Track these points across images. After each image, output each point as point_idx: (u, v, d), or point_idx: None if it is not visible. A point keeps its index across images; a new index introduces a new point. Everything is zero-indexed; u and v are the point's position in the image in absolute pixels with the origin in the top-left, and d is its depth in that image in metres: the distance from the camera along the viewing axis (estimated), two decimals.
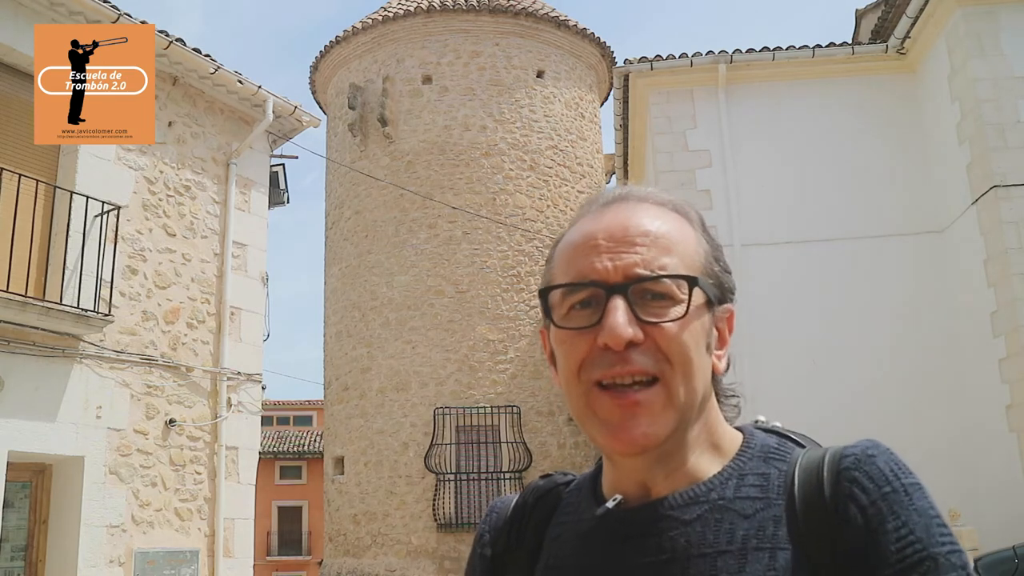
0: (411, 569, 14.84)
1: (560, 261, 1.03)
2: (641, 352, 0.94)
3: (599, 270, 0.97)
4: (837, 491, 0.93)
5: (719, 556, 0.94)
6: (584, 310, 0.98)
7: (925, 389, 11.01)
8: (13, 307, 7.21)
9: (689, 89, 12.52)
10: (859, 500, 0.92)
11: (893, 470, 0.94)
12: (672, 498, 0.99)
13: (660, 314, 0.95)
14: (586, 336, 0.96)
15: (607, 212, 1.03)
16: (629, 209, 1.02)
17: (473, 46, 16.82)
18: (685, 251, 1.00)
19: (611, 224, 1.00)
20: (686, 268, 0.98)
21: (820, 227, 11.80)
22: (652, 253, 0.97)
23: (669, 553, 0.96)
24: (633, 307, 0.95)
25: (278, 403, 37.17)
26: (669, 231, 1.00)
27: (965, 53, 10.87)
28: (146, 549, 8.19)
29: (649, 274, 0.96)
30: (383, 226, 16.38)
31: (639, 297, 0.96)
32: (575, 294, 0.98)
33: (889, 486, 0.92)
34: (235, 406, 9.30)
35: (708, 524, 0.96)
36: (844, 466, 0.95)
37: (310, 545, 32.50)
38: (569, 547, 1.06)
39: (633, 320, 0.94)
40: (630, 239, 0.98)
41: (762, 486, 0.98)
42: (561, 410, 15.73)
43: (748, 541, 0.94)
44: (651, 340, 0.95)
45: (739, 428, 1.07)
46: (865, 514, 0.91)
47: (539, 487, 1.16)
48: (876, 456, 0.95)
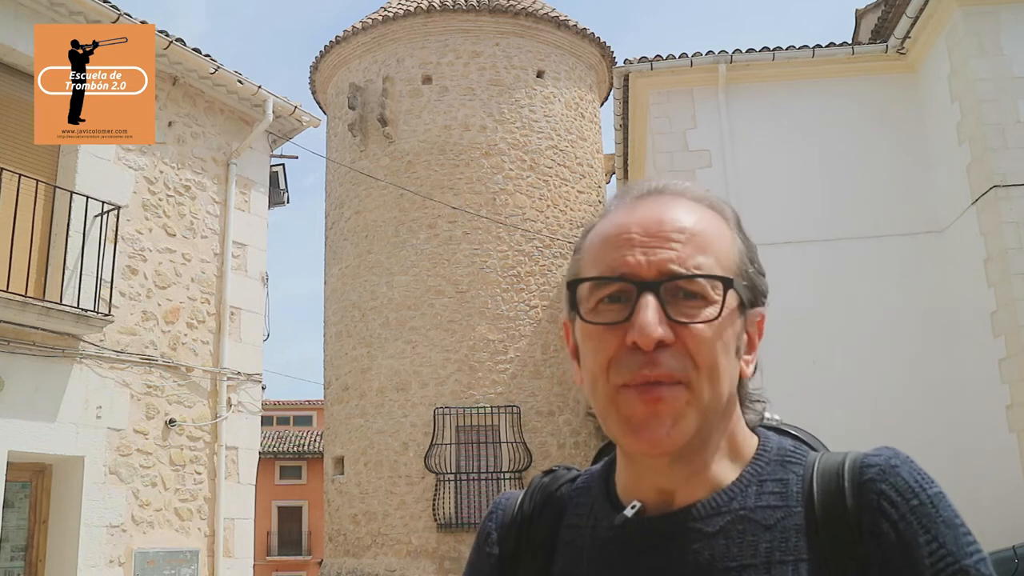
0: (411, 569, 14.83)
1: (590, 252, 1.00)
2: (670, 354, 0.92)
3: (631, 264, 0.94)
4: (862, 503, 0.93)
5: (744, 570, 0.93)
6: (613, 304, 0.94)
7: (925, 389, 11.01)
8: (13, 307, 7.21)
9: (689, 89, 12.52)
10: (890, 515, 0.92)
11: (918, 481, 0.93)
12: (694, 509, 0.97)
13: (692, 315, 0.93)
14: (615, 332, 0.93)
15: (642, 204, 0.99)
16: (665, 203, 0.99)
17: (473, 46, 16.81)
18: (721, 250, 0.97)
19: (646, 217, 0.97)
20: (721, 268, 0.95)
21: (820, 227, 11.81)
22: (687, 250, 0.94)
23: (692, 567, 0.94)
24: (664, 305, 0.92)
25: (278, 403, 37.17)
26: (706, 228, 0.97)
27: (965, 53, 10.87)
28: (146, 549, 8.19)
29: (684, 272, 0.93)
30: (383, 226, 16.37)
31: (671, 295, 0.93)
32: (605, 288, 0.95)
33: (916, 499, 0.92)
34: (235, 406, 9.30)
35: (731, 537, 0.94)
36: (868, 477, 0.94)
37: (310, 545, 32.49)
38: (585, 555, 1.03)
39: (664, 319, 0.91)
40: (665, 234, 0.95)
41: (782, 493, 0.97)
42: (561, 410, 15.73)
43: (772, 554, 0.93)
44: (681, 342, 0.92)
45: (752, 429, 1.05)
46: (896, 529, 0.91)
47: (545, 484, 1.13)
48: (899, 467, 0.94)
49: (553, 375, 15.78)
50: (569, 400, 15.81)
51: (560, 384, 15.79)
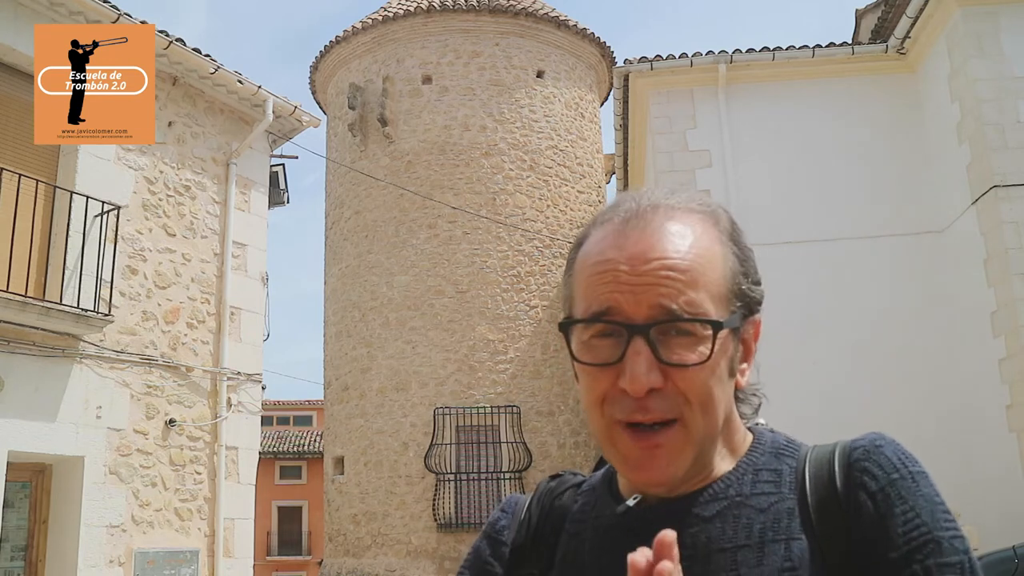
0: (411, 569, 14.83)
1: (580, 281, 1.01)
2: (662, 397, 0.94)
3: (621, 303, 0.95)
4: (849, 483, 0.96)
5: (738, 550, 0.96)
6: (605, 340, 0.96)
7: (925, 389, 11.01)
8: (13, 307, 7.21)
9: (689, 89, 12.52)
10: (868, 487, 0.95)
11: (900, 459, 0.96)
12: (692, 497, 1.00)
13: (683, 356, 0.94)
14: (607, 372, 0.95)
15: (630, 231, 0.98)
16: (654, 232, 0.97)
17: (473, 46, 16.81)
18: (711, 279, 0.97)
19: (634, 250, 0.96)
20: (713, 299, 0.96)
21: (820, 227, 11.80)
22: (677, 287, 0.94)
23: (690, 550, 0.96)
24: (655, 347, 0.93)
25: (278, 403, 37.17)
26: (695, 259, 0.96)
27: (965, 53, 10.87)
28: (146, 549, 8.19)
29: (673, 311, 0.94)
30: (383, 226, 16.37)
31: (662, 334, 0.94)
32: (596, 325, 0.97)
33: (897, 472, 0.95)
34: (235, 406, 9.30)
35: (727, 520, 0.98)
36: (855, 458, 0.97)
37: (310, 545, 32.49)
38: (587, 543, 1.06)
39: (654, 365, 0.93)
40: (653, 271, 0.95)
41: (775, 481, 1.00)
42: (561, 410, 15.73)
43: (765, 534, 0.96)
44: (672, 384, 0.94)
45: (747, 428, 1.08)
46: (874, 500, 0.94)
47: (552, 488, 1.17)
48: (883, 446, 0.97)
49: (553, 375, 15.78)
50: (569, 400, 15.81)
51: (560, 384, 15.78)
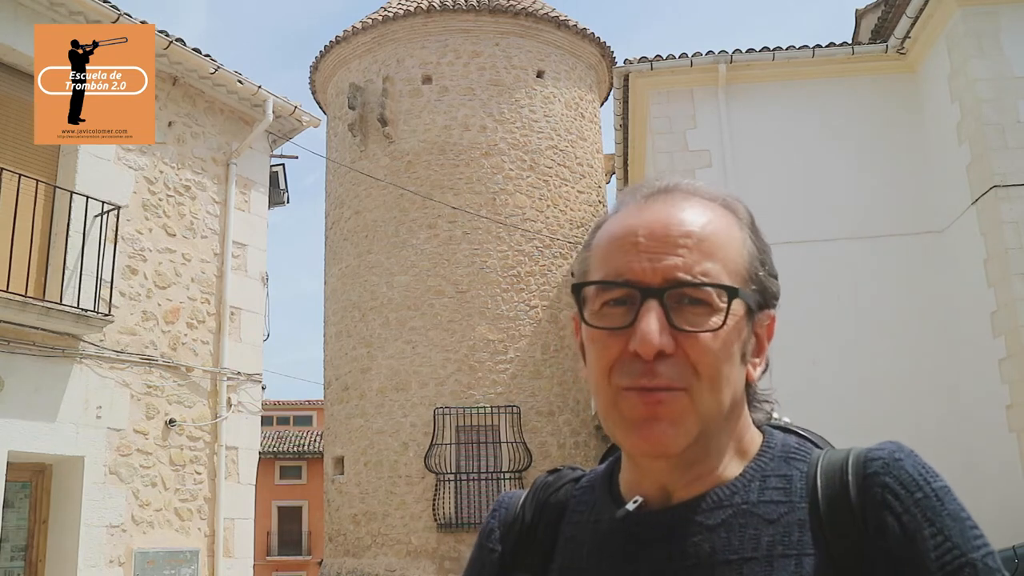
0: (411, 569, 14.84)
1: (597, 253, 0.99)
2: (671, 364, 0.91)
3: (636, 270, 0.93)
4: (866, 497, 0.92)
5: (745, 563, 0.92)
6: (618, 308, 0.94)
7: (925, 389, 11.01)
8: (13, 307, 7.21)
9: (689, 89, 12.51)
10: (894, 508, 0.91)
11: (922, 474, 0.92)
12: (696, 503, 0.96)
13: (695, 323, 0.92)
14: (618, 338, 0.93)
15: (651, 205, 0.98)
16: (674, 205, 0.97)
17: (473, 46, 16.81)
18: (728, 255, 0.96)
19: (653, 221, 0.96)
20: (729, 274, 0.95)
21: (820, 227, 11.80)
22: (694, 256, 0.93)
23: (693, 559, 0.93)
24: (668, 312, 0.91)
25: (278, 403, 37.17)
26: (714, 233, 0.95)
27: (965, 53, 10.87)
28: (146, 549, 8.19)
29: (688, 279, 0.92)
30: (383, 226, 16.38)
31: (675, 302, 0.92)
32: (609, 291, 0.95)
33: (920, 492, 0.91)
34: (235, 406, 9.30)
35: (733, 530, 0.94)
36: (872, 471, 0.93)
37: (310, 545, 32.49)
38: (586, 549, 1.02)
39: (666, 328, 0.91)
40: (672, 239, 0.94)
41: (785, 488, 0.96)
42: (561, 410, 15.74)
43: (774, 548, 0.92)
44: (682, 351, 0.91)
45: (758, 426, 1.05)
46: (901, 522, 0.90)
47: (548, 483, 1.13)
48: (903, 460, 0.93)
49: (553, 375, 15.78)
50: (569, 400, 15.81)
51: (560, 384, 15.79)
